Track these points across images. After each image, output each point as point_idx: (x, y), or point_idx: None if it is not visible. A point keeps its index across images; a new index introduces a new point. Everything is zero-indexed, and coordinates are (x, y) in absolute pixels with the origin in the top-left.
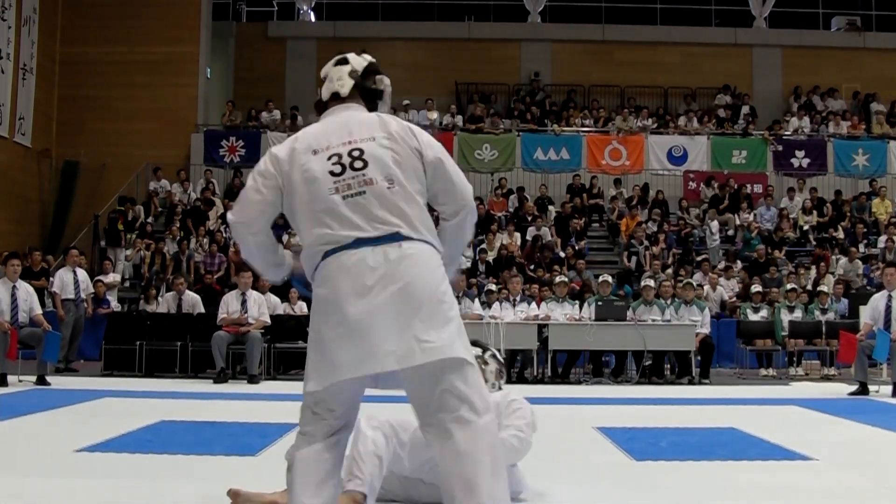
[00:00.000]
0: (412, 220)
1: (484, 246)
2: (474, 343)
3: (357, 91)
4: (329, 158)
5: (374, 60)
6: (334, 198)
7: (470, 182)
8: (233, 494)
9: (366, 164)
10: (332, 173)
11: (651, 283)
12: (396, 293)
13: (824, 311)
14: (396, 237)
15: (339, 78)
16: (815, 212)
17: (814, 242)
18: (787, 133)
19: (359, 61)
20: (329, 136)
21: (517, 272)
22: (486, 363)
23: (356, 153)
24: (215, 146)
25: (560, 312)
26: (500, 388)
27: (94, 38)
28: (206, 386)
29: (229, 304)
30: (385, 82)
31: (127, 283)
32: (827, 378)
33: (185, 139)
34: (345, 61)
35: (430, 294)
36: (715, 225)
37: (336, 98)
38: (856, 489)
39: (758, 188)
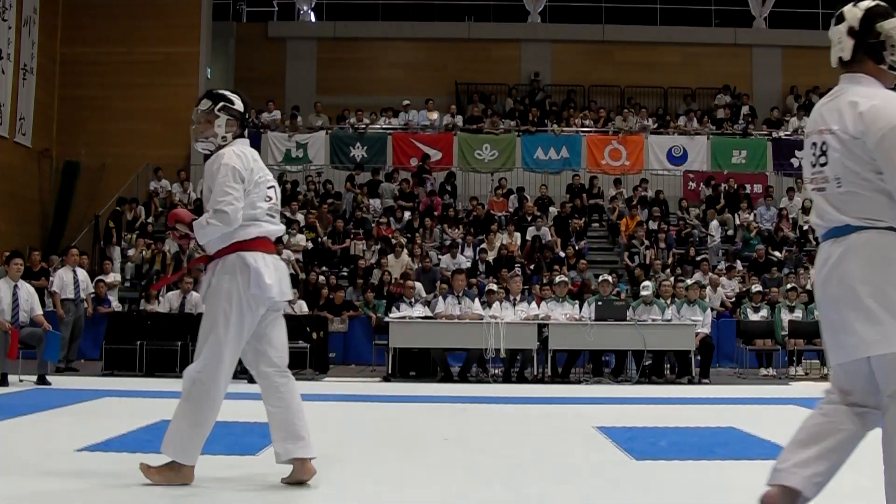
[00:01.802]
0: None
1: (484, 246)
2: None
3: (861, 50)
4: (811, 146)
5: (875, 3)
6: (808, 187)
7: (470, 182)
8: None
9: (827, 162)
10: (812, 164)
11: (648, 291)
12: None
13: None
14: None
15: (838, 40)
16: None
17: (814, 242)
18: (787, 133)
19: (854, 13)
20: (815, 120)
21: (518, 272)
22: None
23: (823, 146)
24: None
25: (560, 312)
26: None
27: (94, 38)
28: None
29: None
30: (886, 26)
31: (128, 283)
32: (827, 378)
33: (186, 139)
34: (841, 18)
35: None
36: (714, 225)
37: (841, 64)
38: (856, 489)
39: (758, 188)
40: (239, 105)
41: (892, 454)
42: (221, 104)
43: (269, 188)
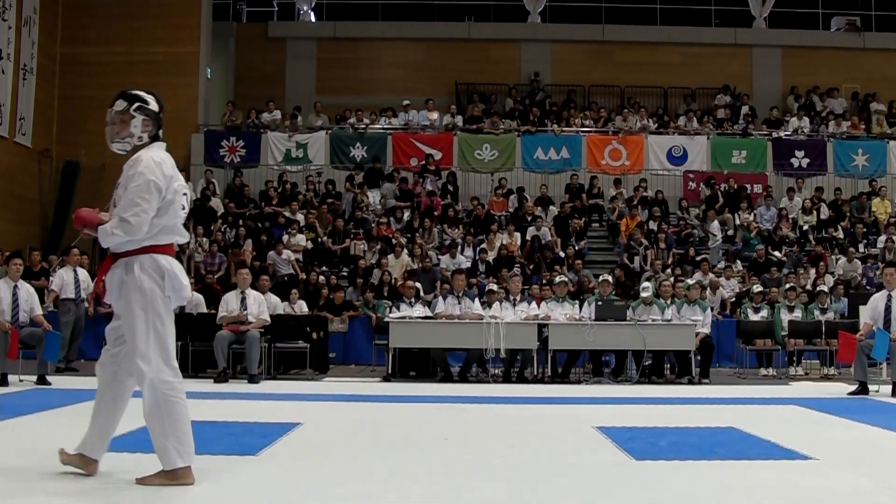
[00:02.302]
0: None
1: (484, 246)
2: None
3: None
4: None
5: None
6: None
7: (470, 182)
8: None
9: None
10: None
11: (648, 293)
12: None
13: (824, 311)
14: None
15: None
16: (815, 212)
17: (813, 242)
18: (787, 133)
19: None
20: None
21: (518, 272)
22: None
23: None
24: (215, 146)
25: (560, 312)
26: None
27: (94, 38)
28: (206, 386)
29: (229, 303)
30: None
31: None
32: (827, 378)
33: (186, 139)
34: None
35: None
36: (715, 225)
37: None
38: (856, 489)
39: (758, 188)
40: (154, 105)
41: None
42: (136, 104)
43: (183, 195)
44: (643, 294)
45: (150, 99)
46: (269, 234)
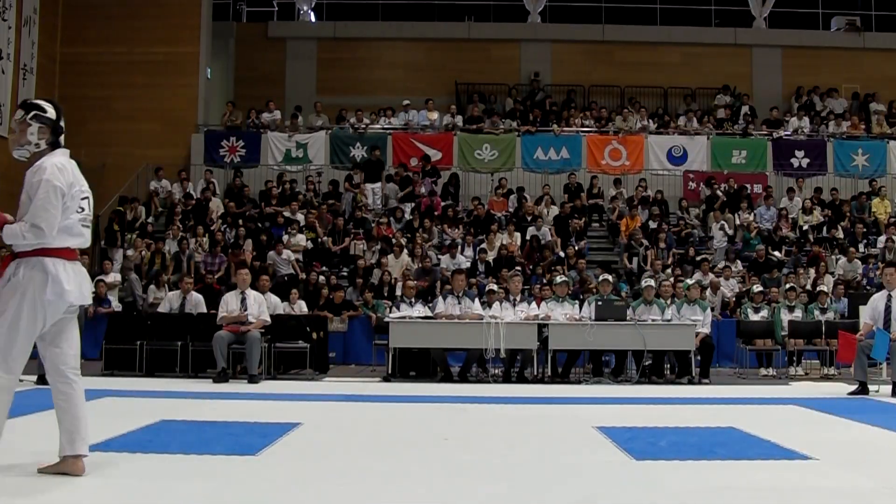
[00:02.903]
0: None
1: (484, 246)
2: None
3: None
4: None
5: None
6: None
7: (470, 182)
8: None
9: None
10: None
11: (651, 282)
12: None
13: (824, 311)
14: None
15: None
16: (815, 211)
17: (813, 242)
18: (787, 133)
19: None
20: None
21: (518, 272)
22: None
23: None
24: (215, 146)
25: (560, 312)
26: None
27: (94, 38)
28: (206, 386)
29: (229, 304)
30: None
31: (128, 283)
32: (827, 378)
33: (186, 139)
34: None
35: None
36: (718, 227)
37: None
38: (856, 489)
39: (758, 188)
40: (51, 113)
41: None
42: (33, 113)
43: (83, 199)
44: (645, 283)
45: (48, 108)
46: (269, 234)
